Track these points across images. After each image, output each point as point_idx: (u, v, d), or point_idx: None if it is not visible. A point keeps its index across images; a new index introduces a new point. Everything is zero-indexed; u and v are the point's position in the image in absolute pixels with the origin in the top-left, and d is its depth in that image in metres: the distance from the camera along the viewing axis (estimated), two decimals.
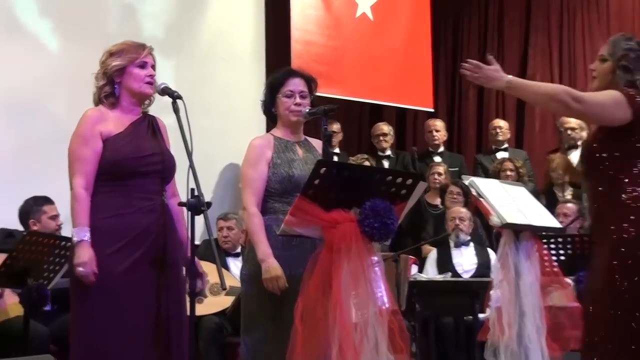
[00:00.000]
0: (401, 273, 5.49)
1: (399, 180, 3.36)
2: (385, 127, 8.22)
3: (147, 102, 3.72)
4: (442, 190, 7.40)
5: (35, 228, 5.42)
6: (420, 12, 8.63)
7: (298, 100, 3.89)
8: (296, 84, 3.91)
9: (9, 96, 6.13)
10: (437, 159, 8.06)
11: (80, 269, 3.39)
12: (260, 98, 4.05)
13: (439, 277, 6.22)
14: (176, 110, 3.49)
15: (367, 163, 7.11)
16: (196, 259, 3.46)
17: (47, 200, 5.53)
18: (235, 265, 6.13)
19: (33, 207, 5.50)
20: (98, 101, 3.65)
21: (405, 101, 8.60)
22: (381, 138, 8.14)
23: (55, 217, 5.49)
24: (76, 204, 3.46)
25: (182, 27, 7.35)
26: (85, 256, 3.40)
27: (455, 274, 6.46)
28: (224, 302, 5.73)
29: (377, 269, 3.33)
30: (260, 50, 7.91)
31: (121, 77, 3.61)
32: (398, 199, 3.38)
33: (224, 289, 3.34)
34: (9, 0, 6.28)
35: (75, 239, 3.43)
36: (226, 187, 7.40)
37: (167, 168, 3.62)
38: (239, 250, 6.30)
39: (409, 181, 3.37)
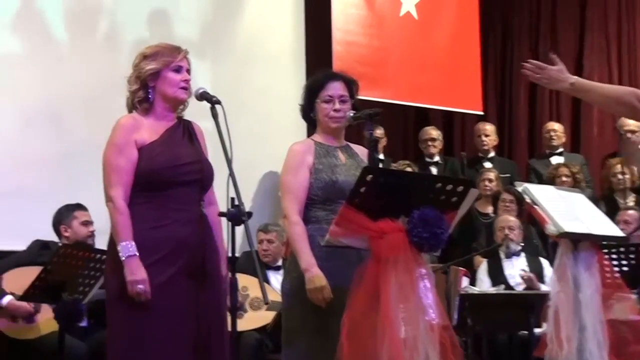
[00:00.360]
0: (452, 286, 5.47)
1: (449, 187, 3.36)
2: (433, 132, 8.20)
3: (181, 107, 3.74)
4: (494, 198, 7.35)
5: (66, 234, 5.50)
6: (467, 9, 8.59)
7: (337, 105, 3.89)
8: (336, 88, 3.91)
9: (49, 106, 6.23)
10: (488, 164, 8.02)
11: (140, 286, 3.40)
12: (298, 100, 4.06)
13: (492, 290, 6.18)
14: (215, 115, 3.49)
15: (409, 170, 7.09)
16: None
17: (79, 206, 5.60)
18: (276, 278, 6.14)
19: (64, 213, 5.58)
20: (131, 106, 3.67)
21: (452, 104, 8.56)
22: (429, 143, 8.12)
23: (87, 223, 5.55)
24: (119, 216, 3.48)
25: (218, 28, 7.40)
26: (142, 272, 3.41)
27: (508, 286, 6.42)
28: (265, 317, 5.74)
29: (426, 281, 3.33)
30: (299, 51, 7.93)
31: (155, 81, 3.63)
32: (448, 207, 3.37)
33: (267, 303, 3.34)
34: (43, 12, 6.37)
35: (122, 255, 3.43)
36: (265, 196, 7.43)
37: (205, 177, 3.63)
38: (279, 263, 6.32)
39: (460, 188, 3.36)
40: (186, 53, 3.70)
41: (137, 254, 3.43)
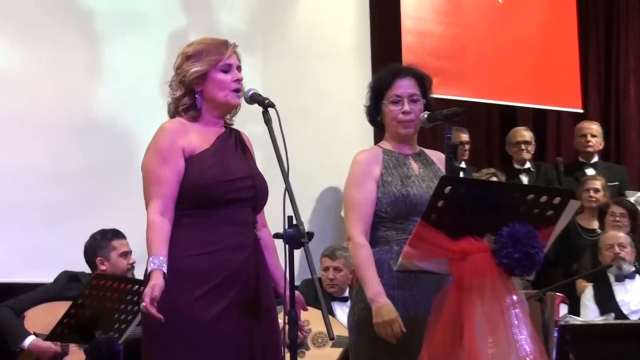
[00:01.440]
0: (549, 315, 5.41)
1: (544, 199, 3.33)
2: (526, 133, 8.14)
3: (231, 113, 3.75)
4: (600, 211, 7.27)
5: (103, 268, 5.57)
6: None
7: (407, 107, 3.89)
8: (404, 86, 3.91)
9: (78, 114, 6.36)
10: (590, 171, 7.94)
11: (146, 299, 3.33)
12: (363, 102, 4.07)
13: (600, 320, 6.10)
14: (268, 120, 3.51)
15: (494, 179, 7.03)
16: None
17: (116, 234, 5.66)
18: (342, 311, 6.16)
19: (100, 242, 5.64)
20: (174, 115, 3.69)
21: (545, 101, 8.52)
22: (522, 147, 8.06)
23: (126, 254, 5.62)
24: (149, 232, 3.48)
25: (269, 19, 7.47)
26: (156, 289, 3.34)
27: (620, 314, 6.33)
28: (329, 355, 5.75)
29: (518, 310, 3.31)
30: (364, 44, 7.95)
31: (202, 84, 3.64)
32: (543, 223, 3.35)
33: (332, 338, 3.33)
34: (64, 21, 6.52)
35: (149, 268, 3.42)
36: (326, 215, 7.46)
37: (259, 194, 3.64)
38: (346, 293, 6.33)
39: (557, 200, 3.34)
40: (235, 47, 3.70)
41: (163, 270, 3.40)
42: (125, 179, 6.21)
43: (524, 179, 7.91)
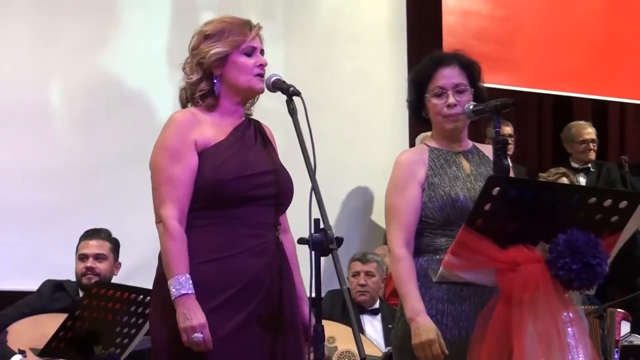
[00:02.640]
0: (609, 334, 5.40)
1: (608, 202, 3.32)
2: (592, 130, 8.11)
3: (251, 101, 3.75)
4: None
5: None
6: None
7: (452, 99, 3.87)
8: (448, 76, 3.90)
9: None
10: None
11: (198, 334, 3.38)
12: (400, 91, 4.06)
13: None
14: (292, 111, 3.51)
15: (564, 180, 6.95)
16: None
17: (85, 235, 5.78)
18: (372, 325, 6.18)
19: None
20: (188, 101, 3.69)
21: (607, 92, 8.49)
22: (591, 145, 8.04)
23: (84, 257, 5.70)
24: (171, 243, 3.47)
25: None
26: (200, 316, 3.40)
27: None
28: None
29: (575, 328, 3.31)
30: (400, 26, 7.97)
31: (222, 68, 3.63)
32: (606, 230, 3.34)
33: (363, 358, 3.34)
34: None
35: (174, 293, 3.43)
36: (354, 218, 7.48)
37: (283, 192, 3.63)
38: (377, 305, 6.34)
39: (624, 204, 3.33)
40: (259, 29, 3.71)
41: (194, 292, 3.43)
42: (118, 180, 6.27)
43: (582, 180, 7.91)
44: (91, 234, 5.76)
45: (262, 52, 3.70)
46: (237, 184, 3.54)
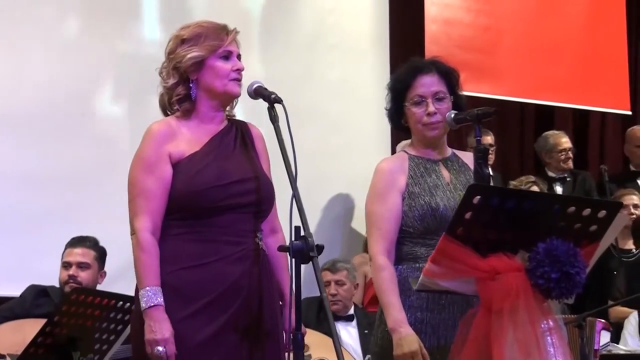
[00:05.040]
0: (588, 343, 5.41)
1: (587, 212, 3.33)
2: (566, 139, 8.12)
3: (230, 104, 3.75)
4: (635, 228, 7.24)
5: None
6: None
7: (431, 107, 3.87)
8: (427, 84, 3.90)
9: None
10: None
11: (160, 348, 3.40)
12: (382, 99, 4.05)
13: None
14: (274, 118, 3.51)
15: (535, 189, 7.02)
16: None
17: (70, 243, 5.76)
18: (347, 332, 6.18)
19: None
20: (167, 107, 3.69)
21: (588, 102, 8.51)
22: (570, 154, 8.07)
23: (67, 265, 5.68)
24: (141, 254, 3.50)
25: (275, 4, 7.47)
26: (164, 330, 3.41)
27: None
28: None
29: (555, 337, 3.31)
30: (382, 35, 7.98)
31: (198, 73, 3.64)
32: (585, 239, 3.35)
33: None
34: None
35: (143, 304, 3.44)
36: (335, 226, 7.47)
37: (262, 199, 3.64)
38: (351, 311, 6.34)
39: (602, 213, 3.34)
40: (236, 33, 3.71)
41: (162, 304, 3.44)
42: (102, 186, 6.27)
43: (559, 189, 7.93)
44: (77, 241, 5.75)
45: (239, 56, 3.70)
46: (212, 193, 3.54)
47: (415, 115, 3.89)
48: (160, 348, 3.40)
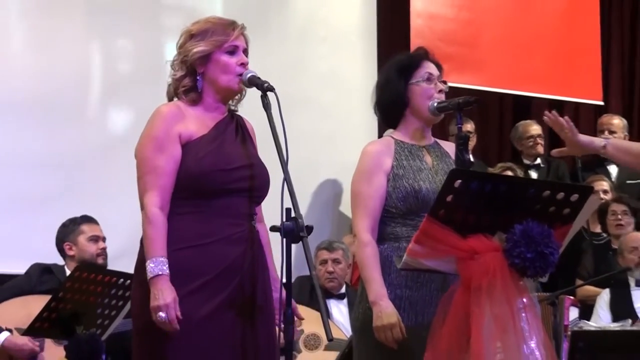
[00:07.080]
0: (559, 320, 5.43)
1: (561, 195, 3.34)
2: (537, 127, 8.13)
3: (236, 98, 3.75)
4: (600, 211, 7.25)
5: (71, 253, 5.63)
6: None
7: (442, 86, 3.91)
8: (433, 68, 3.93)
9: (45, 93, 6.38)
10: (613, 169, 7.95)
11: (161, 314, 3.39)
12: (369, 89, 4.05)
13: (615, 326, 6.10)
14: (267, 106, 3.52)
15: (508, 173, 7.03)
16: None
17: (86, 219, 5.71)
18: (339, 310, 6.19)
19: (69, 227, 5.69)
20: (174, 96, 3.70)
21: (563, 92, 8.51)
22: (538, 140, 8.05)
23: (96, 238, 5.65)
24: (150, 228, 3.48)
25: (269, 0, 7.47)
26: (166, 296, 3.40)
27: (637, 321, 6.33)
28: (322, 358, 5.76)
29: (529, 314, 3.32)
30: (370, 27, 7.96)
31: (204, 66, 3.64)
32: (559, 221, 3.36)
33: (330, 340, 3.34)
34: None
35: (149, 273, 3.44)
36: (325, 209, 7.47)
37: (258, 185, 3.64)
38: (343, 290, 6.35)
39: (574, 197, 3.35)
40: (243, 29, 3.71)
41: (167, 273, 3.43)
42: (103, 168, 6.26)
43: (534, 175, 7.93)
44: (93, 219, 5.72)
45: (245, 51, 3.69)
46: (215, 176, 3.54)
47: (427, 90, 3.88)
48: (162, 314, 3.39)
